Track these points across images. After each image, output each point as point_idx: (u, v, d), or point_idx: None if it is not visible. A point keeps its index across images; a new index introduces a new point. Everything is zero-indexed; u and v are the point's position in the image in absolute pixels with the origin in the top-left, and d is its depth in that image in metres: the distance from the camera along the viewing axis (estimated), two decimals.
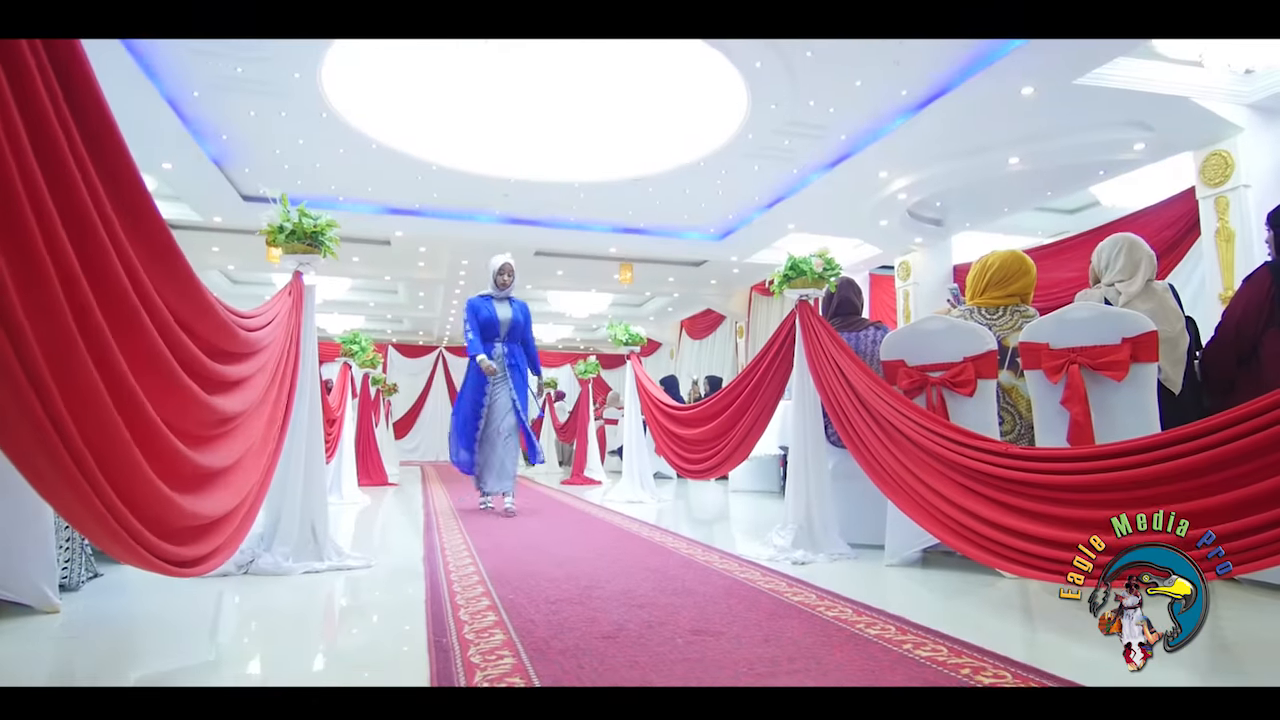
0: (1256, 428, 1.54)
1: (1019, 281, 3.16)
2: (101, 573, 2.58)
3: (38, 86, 0.83)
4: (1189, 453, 1.72)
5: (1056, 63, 4.76)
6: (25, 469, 0.83)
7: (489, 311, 4.82)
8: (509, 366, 4.85)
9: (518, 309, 4.90)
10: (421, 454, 15.16)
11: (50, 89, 0.87)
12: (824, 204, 7.60)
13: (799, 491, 3.22)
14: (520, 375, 4.87)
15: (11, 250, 0.76)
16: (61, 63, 0.89)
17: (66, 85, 0.90)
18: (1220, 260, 5.44)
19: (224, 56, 4.92)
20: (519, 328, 4.89)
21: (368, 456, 7.48)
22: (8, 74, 0.83)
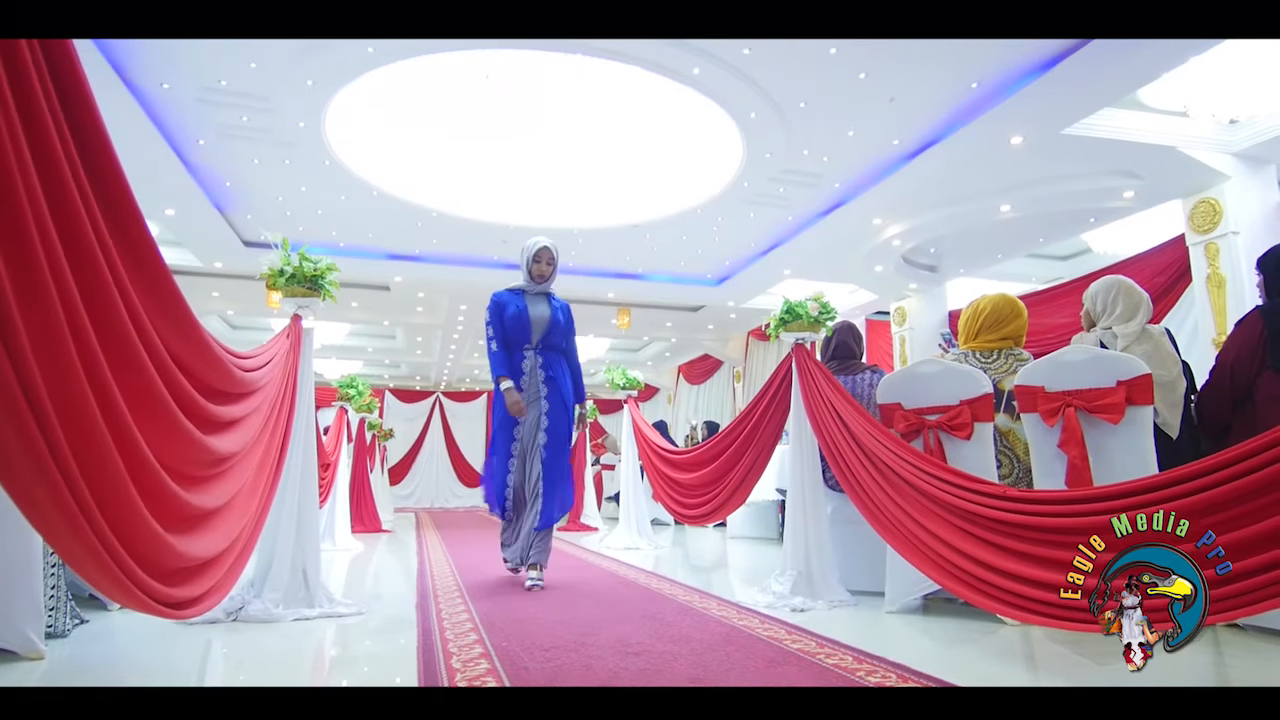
0: (1253, 468, 1.53)
1: (1011, 324, 3.19)
2: (88, 619, 2.53)
3: (51, 136, 0.85)
4: (1187, 494, 1.71)
5: (1044, 113, 4.88)
6: (23, 503, 0.83)
7: (518, 307, 3.62)
8: (546, 381, 3.62)
9: (558, 308, 3.74)
10: (416, 500, 15.01)
11: (62, 137, 0.89)
12: (819, 250, 7.68)
13: (797, 537, 3.19)
14: (561, 394, 3.65)
15: (21, 286, 0.77)
16: (73, 110, 0.91)
17: (77, 134, 0.92)
18: (1212, 305, 5.49)
19: (230, 105, 5.02)
20: (558, 331, 3.70)
21: (362, 502, 7.41)
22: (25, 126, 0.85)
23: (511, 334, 3.61)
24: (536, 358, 3.65)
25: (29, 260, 0.79)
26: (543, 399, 3.62)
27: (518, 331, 3.62)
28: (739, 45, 4.46)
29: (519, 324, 3.61)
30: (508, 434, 3.64)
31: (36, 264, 0.80)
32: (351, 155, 5.93)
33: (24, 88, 0.83)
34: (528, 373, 3.62)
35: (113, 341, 0.95)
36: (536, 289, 3.71)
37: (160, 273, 1.13)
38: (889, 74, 4.68)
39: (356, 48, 4.45)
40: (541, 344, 3.66)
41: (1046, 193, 6.06)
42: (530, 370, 3.63)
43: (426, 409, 15.94)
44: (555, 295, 3.81)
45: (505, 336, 3.61)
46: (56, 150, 0.87)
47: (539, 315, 3.65)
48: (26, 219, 0.78)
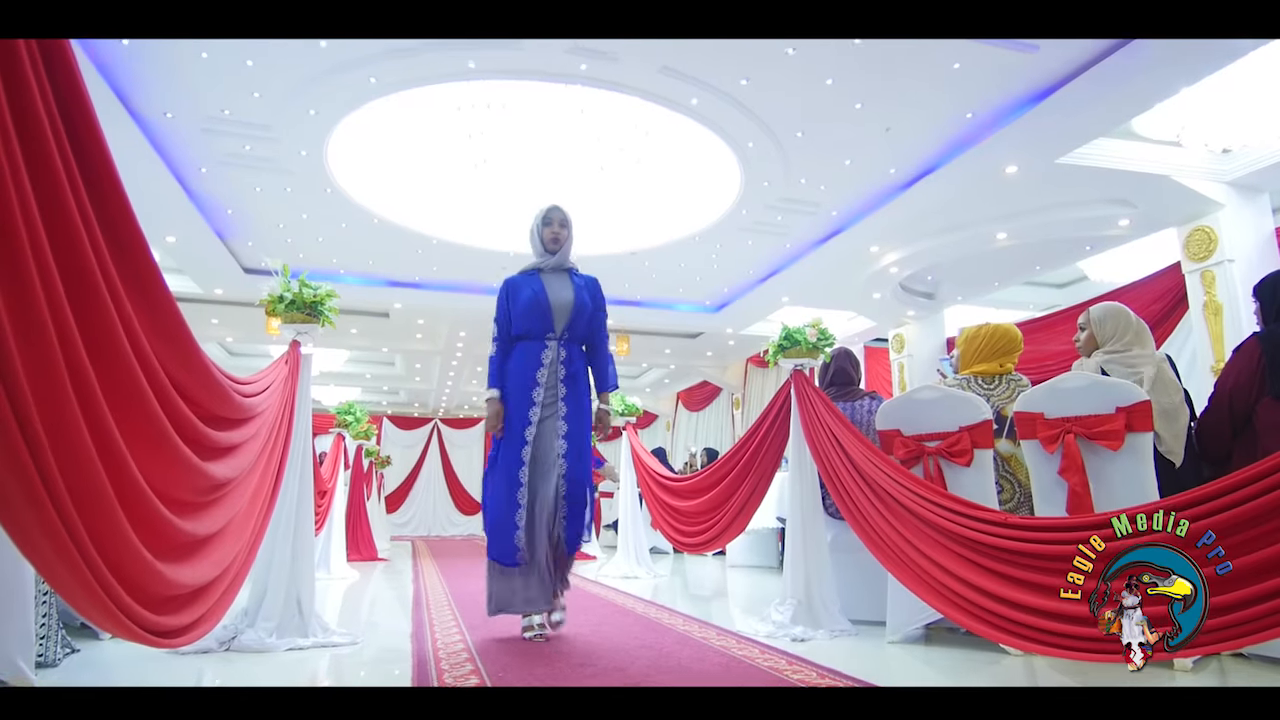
0: (1254, 494, 1.52)
1: (1013, 352, 3.21)
2: (79, 648, 2.49)
3: (55, 162, 0.86)
4: (1189, 520, 1.70)
5: (1038, 143, 4.93)
6: (13, 529, 0.82)
7: (533, 290, 2.97)
8: (567, 379, 2.97)
9: (582, 287, 3.07)
10: (413, 529, 14.89)
11: (63, 153, 0.90)
12: (817, 277, 7.72)
13: (797, 565, 3.16)
14: (581, 396, 3.01)
15: (16, 308, 0.77)
16: (79, 138, 0.92)
17: (81, 159, 0.93)
18: (1210, 333, 5.50)
19: (233, 134, 5.08)
20: (584, 316, 3.04)
21: (358, 530, 7.35)
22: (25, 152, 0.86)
23: (527, 324, 2.96)
24: (560, 350, 2.98)
25: (24, 281, 0.79)
26: (560, 401, 2.95)
27: (535, 320, 2.95)
28: (737, 76, 4.52)
29: (536, 311, 2.95)
30: (516, 445, 2.89)
31: (31, 285, 0.80)
32: (352, 183, 5.98)
33: (27, 105, 0.84)
34: (547, 366, 2.94)
35: (109, 366, 0.94)
36: (553, 264, 3.04)
37: (162, 296, 1.13)
38: (885, 104, 4.74)
39: (359, 78, 4.51)
40: (566, 333, 2.99)
41: (1042, 221, 6.11)
42: (550, 365, 2.95)
43: (424, 436, 15.88)
44: (578, 270, 3.14)
45: (514, 331, 3.00)
46: (57, 167, 0.88)
47: (560, 299, 2.98)
48: (22, 239, 0.78)
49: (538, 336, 2.98)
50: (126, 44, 4.06)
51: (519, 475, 2.86)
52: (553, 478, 2.87)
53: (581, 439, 2.98)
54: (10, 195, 0.77)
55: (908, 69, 4.36)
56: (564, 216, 3.10)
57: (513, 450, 2.89)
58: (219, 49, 4.17)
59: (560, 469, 2.89)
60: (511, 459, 2.88)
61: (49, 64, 0.89)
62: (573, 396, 2.99)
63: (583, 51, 4.33)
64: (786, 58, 4.30)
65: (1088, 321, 3.00)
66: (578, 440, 2.96)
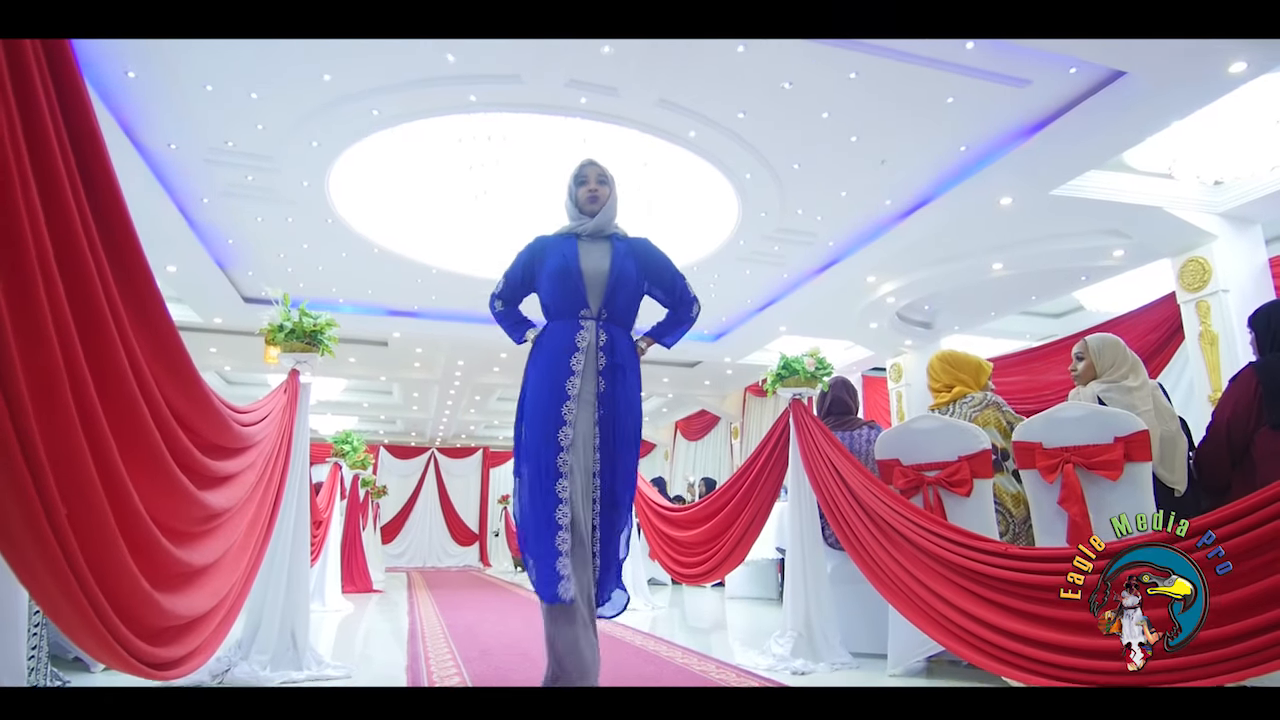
0: (1254, 524, 1.52)
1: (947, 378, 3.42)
2: (69, 680, 2.46)
3: (66, 192, 0.87)
4: (1189, 550, 1.69)
5: (1032, 175, 4.99)
6: (12, 557, 0.81)
7: (564, 256, 2.38)
8: (608, 370, 2.32)
9: (625, 254, 2.43)
10: (409, 559, 14.74)
11: (75, 190, 0.91)
12: (815, 307, 7.75)
13: (797, 597, 3.13)
14: (627, 394, 2.35)
15: (24, 334, 0.77)
16: (87, 166, 0.93)
17: (89, 185, 0.94)
18: (1206, 362, 5.52)
19: (236, 165, 5.13)
20: (626, 289, 2.41)
21: (353, 561, 7.28)
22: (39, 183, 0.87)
23: (555, 298, 2.38)
24: (599, 333, 2.35)
25: (33, 308, 0.80)
26: (596, 400, 2.30)
27: (564, 293, 2.36)
28: (734, 109, 4.59)
29: (565, 281, 2.35)
30: (550, 452, 2.23)
31: (40, 313, 0.80)
32: (353, 213, 6.03)
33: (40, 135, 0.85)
34: (583, 351, 2.31)
35: (113, 394, 0.95)
36: (591, 228, 2.44)
37: (164, 324, 1.14)
38: (879, 137, 4.81)
39: (362, 111, 4.57)
40: (605, 312, 2.37)
41: (1037, 251, 6.16)
42: (587, 350, 2.32)
43: (421, 465, 15.79)
44: (622, 235, 2.50)
45: (543, 301, 2.45)
46: (67, 197, 0.89)
47: (595, 269, 2.37)
48: (33, 267, 0.79)
49: (570, 314, 2.36)
50: (132, 75, 4.12)
51: (557, 490, 2.20)
52: (586, 492, 2.25)
53: (621, 454, 2.31)
54: (24, 227, 0.79)
55: (901, 103, 4.43)
56: (602, 172, 2.51)
57: (546, 459, 2.22)
58: (223, 81, 4.23)
59: (592, 490, 2.26)
60: (545, 471, 2.22)
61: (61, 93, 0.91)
62: (612, 396, 2.31)
63: (582, 85, 4.40)
64: (783, 91, 4.37)
65: (1085, 351, 3.01)
66: (615, 455, 2.30)
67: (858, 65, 4.10)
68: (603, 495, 2.28)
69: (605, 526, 2.30)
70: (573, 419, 2.26)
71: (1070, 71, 4.03)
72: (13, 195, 0.76)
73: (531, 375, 2.38)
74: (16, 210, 0.77)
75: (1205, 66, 3.79)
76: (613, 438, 2.31)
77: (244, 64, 4.09)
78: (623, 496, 2.31)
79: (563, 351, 2.33)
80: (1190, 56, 3.70)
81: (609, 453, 2.30)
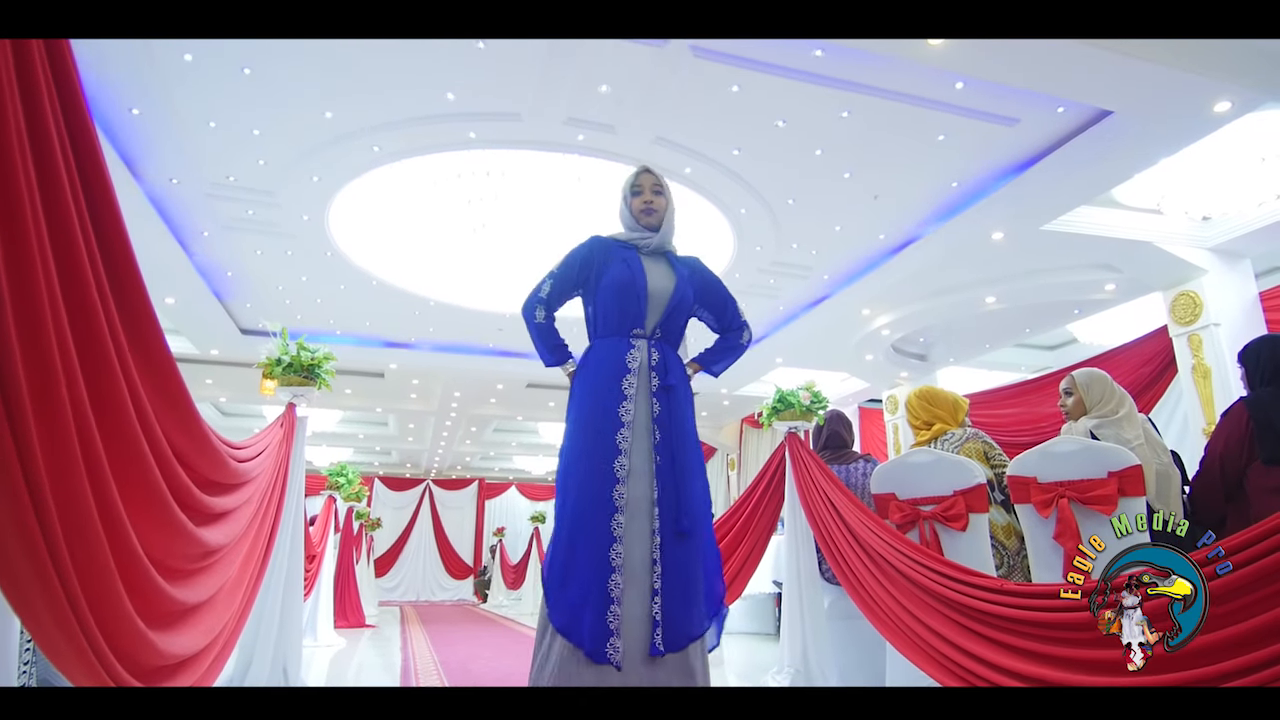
0: (1253, 557, 1.52)
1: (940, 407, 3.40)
2: None
3: (74, 225, 0.89)
4: None
5: (1023, 210, 5.07)
6: (13, 597, 0.82)
7: (629, 269, 2.21)
8: (660, 392, 2.16)
9: (686, 278, 2.29)
10: (402, 593, 14.56)
11: (83, 225, 0.93)
12: (810, 339, 7.80)
13: (794, 631, 3.11)
14: (682, 417, 2.20)
15: (35, 375, 0.79)
16: (95, 201, 0.96)
17: (96, 219, 0.96)
18: (1200, 396, 5.54)
19: (237, 200, 5.18)
20: (683, 311, 2.29)
21: (346, 595, 7.21)
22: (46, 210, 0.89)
23: (611, 312, 2.19)
24: (651, 352, 2.19)
25: (43, 349, 0.81)
26: (654, 423, 2.13)
27: (622, 310, 2.18)
28: (729, 146, 4.67)
29: (627, 297, 2.17)
30: (604, 484, 2.03)
31: (49, 353, 0.82)
32: (352, 246, 6.08)
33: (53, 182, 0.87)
34: (635, 372, 2.14)
35: (114, 431, 0.96)
36: (655, 244, 2.28)
37: (164, 358, 1.15)
38: (872, 174, 4.89)
39: (363, 147, 4.64)
40: (659, 331, 2.22)
41: (1030, 285, 6.22)
42: (639, 371, 2.15)
43: (416, 497, 15.68)
44: (674, 251, 2.35)
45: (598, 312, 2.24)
46: (77, 239, 0.91)
47: (659, 287, 2.22)
48: (44, 307, 0.81)
49: (622, 332, 2.19)
50: (137, 113, 4.18)
51: (611, 527, 1.99)
52: (645, 537, 2.02)
53: (684, 482, 2.10)
54: (35, 262, 0.80)
55: (894, 141, 4.51)
56: (658, 181, 2.33)
57: (599, 491, 2.01)
58: (226, 118, 4.30)
59: (653, 523, 2.03)
60: (598, 503, 2.00)
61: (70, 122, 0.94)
62: (668, 420, 2.15)
63: (580, 123, 4.48)
64: (777, 130, 4.45)
65: (1074, 387, 3.04)
66: (678, 484, 2.09)
67: (850, 104, 4.19)
68: (663, 526, 2.03)
69: (671, 561, 2.02)
70: (628, 448, 2.06)
71: (1058, 110, 4.12)
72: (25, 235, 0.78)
73: (580, 401, 2.15)
74: (31, 259, 0.79)
75: (1190, 105, 3.88)
76: (672, 464, 2.10)
77: (246, 100, 4.16)
78: (693, 526, 2.07)
79: (614, 374, 2.13)
80: (1175, 96, 3.79)
81: (670, 482, 2.09)
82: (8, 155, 0.79)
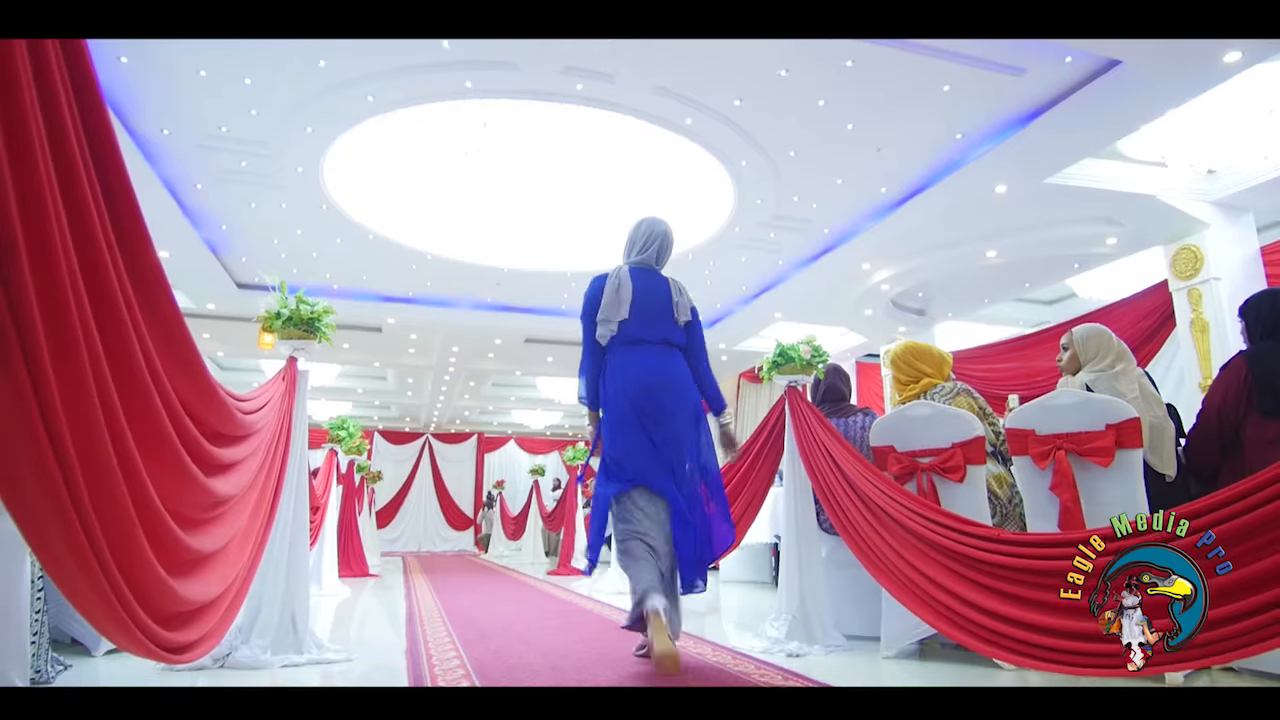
0: (1248, 508, 1.55)
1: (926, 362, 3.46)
2: (70, 664, 2.48)
3: (82, 182, 0.88)
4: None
5: (1027, 163, 5.01)
6: (37, 542, 0.83)
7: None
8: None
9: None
10: (404, 544, 14.80)
11: (90, 183, 0.93)
12: (809, 294, 7.78)
13: (792, 581, 3.17)
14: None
15: (54, 331, 0.79)
16: (100, 156, 0.94)
17: (104, 178, 0.95)
18: (1198, 350, 5.57)
19: (229, 151, 5.10)
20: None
21: (349, 546, 7.31)
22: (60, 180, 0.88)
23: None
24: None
25: (60, 306, 0.81)
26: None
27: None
28: (731, 97, 4.59)
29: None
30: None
31: (66, 307, 0.82)
32: (348, 199, 6.01)
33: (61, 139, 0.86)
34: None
35: (128, 384, 0.96)
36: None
37: (170, 311, 1.15)
38: (876, 125, 4.82)
39: (357, 97, 4.55)
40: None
41: (1031, 239, 6.19)
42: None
43: (416, 451, 15.81)
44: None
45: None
46: (85, 189, 0.90)
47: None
48: (59, 263, 0.81)
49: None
50: (125, 61, 4.09)
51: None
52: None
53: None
54: (50, 222, 0.80)
55: (898, 91, 4.44)
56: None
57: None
58: (217, 67, 4.20)
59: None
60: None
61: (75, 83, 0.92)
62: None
63: (578, 72, 4.39)
64: (780, 79, 4.37)
65: (1070, 342, 3.06)
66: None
67: (854, 53, 4.10)
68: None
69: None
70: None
71: (1066, 60, 4.05)
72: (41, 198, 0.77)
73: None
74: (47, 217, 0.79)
75: (1200, 56, 3.81)
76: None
77: (237, 49, 4.06)
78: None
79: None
80: (1185, 46, 3.72)
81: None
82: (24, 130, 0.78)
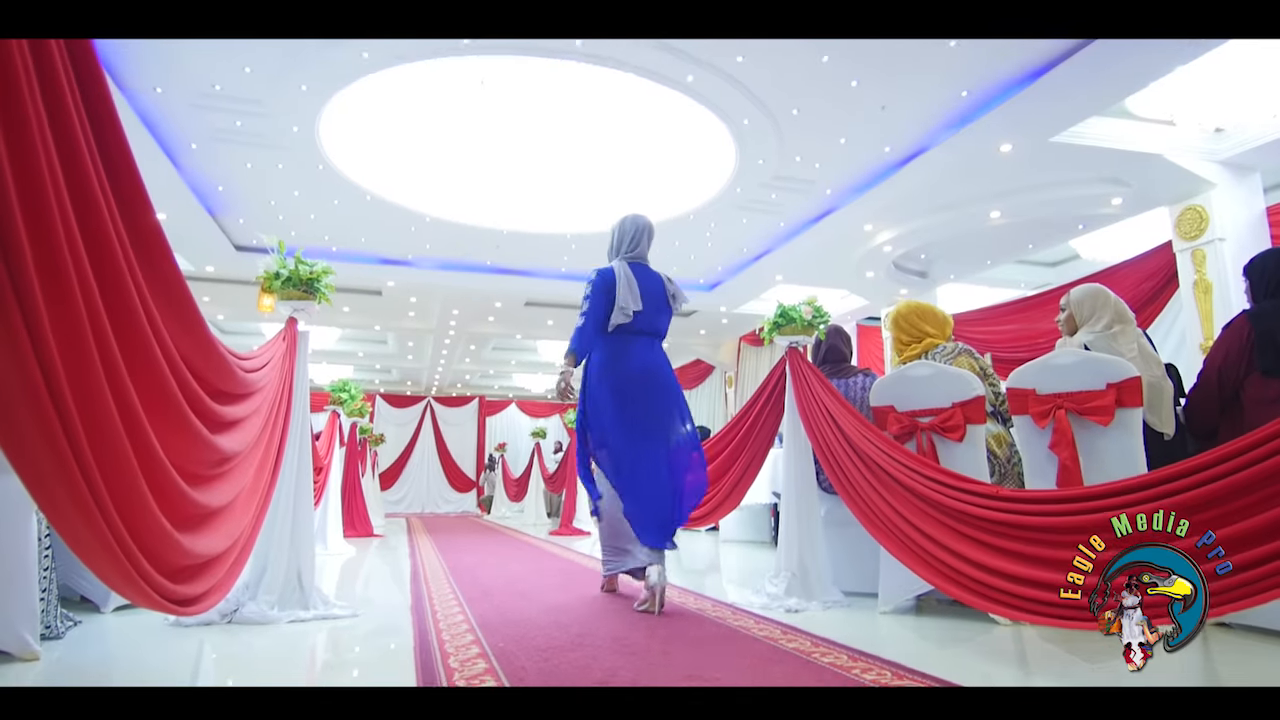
0: (1246, 464, 1.56)
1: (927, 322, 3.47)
2: (79, 620, 2.52)
3: (80, 144, 0.87)
4: (1177, 491, 1.75)
5: (1033, 121, 4.94)
6: (41, 496, 0.84)
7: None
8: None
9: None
10: (407, 505, 14.96)
11: (88, 142, 0.91)
12: (811, 256, 7.73)
13: (791, 538, 3.21)
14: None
15: (49, 286, 0.78)
16: (97, 117, 0.93)
17: (100, 138, 0.94)
18: (1200, 311, 5.55)
19: (224, 110, 5.02)
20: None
21: (353, 507, 7.39)
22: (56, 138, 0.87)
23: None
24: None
25: (57, 263, 0.81)
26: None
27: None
28: (733, 53, 4.50)
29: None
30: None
31: (63, 265, 0.82)
32: (345, 160, 5.94)
33: (56, 97, 0.85)
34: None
35: (129, 339, 0.96)
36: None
37: (171, 271, 1.15)
38: (880, 83, 4.73)
39: (351, 53, 4.46)
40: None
41: (1035, 200, 6.13)
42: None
43: (417, 414, 15.90)
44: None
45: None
46: (83, 153, 0.89)
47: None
48: (55, 222, 0.80)
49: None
50: None
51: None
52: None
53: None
54: (44, 176, 0.79)
55: (904, 48, 4.35)
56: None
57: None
58: None
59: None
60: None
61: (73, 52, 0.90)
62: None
63: None
64: None
65: (1068, 303, 3.05)
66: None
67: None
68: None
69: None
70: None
71: None
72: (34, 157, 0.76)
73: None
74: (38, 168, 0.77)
75: None
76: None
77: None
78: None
79: None
80: None
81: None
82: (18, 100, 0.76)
